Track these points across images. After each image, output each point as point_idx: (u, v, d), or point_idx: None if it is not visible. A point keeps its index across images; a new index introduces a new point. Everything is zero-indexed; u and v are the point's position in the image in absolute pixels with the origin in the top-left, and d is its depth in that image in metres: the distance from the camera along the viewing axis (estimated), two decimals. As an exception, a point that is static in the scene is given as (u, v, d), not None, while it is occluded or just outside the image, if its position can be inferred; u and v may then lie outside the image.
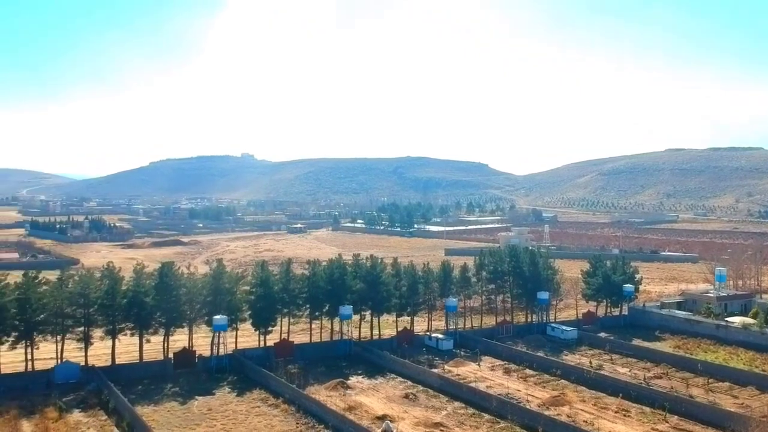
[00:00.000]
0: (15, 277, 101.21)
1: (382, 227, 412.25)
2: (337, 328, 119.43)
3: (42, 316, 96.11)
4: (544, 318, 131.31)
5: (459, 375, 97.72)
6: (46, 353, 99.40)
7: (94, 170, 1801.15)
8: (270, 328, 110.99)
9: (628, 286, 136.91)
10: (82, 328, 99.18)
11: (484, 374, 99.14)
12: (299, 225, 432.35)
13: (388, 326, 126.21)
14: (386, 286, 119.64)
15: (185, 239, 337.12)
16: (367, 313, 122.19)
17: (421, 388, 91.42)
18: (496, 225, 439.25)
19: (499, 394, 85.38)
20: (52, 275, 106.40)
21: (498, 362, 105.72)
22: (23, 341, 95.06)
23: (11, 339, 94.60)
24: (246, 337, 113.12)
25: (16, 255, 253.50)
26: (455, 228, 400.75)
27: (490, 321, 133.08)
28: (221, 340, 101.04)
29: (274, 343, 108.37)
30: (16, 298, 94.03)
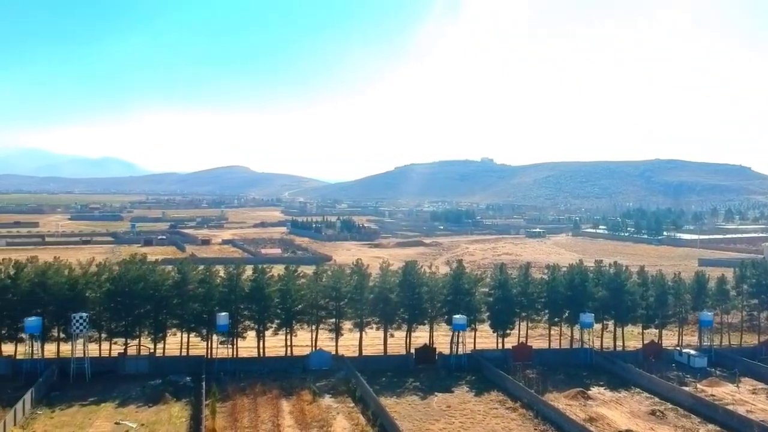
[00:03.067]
0: (278, 270, 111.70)
1: (626, 234, 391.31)
2: (576, 335, 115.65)
3: (300, 306, 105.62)
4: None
5: (714, 395, 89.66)
6: (302, 341, 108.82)
7: (346, 175, 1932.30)
8: (508, 331, 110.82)
9: None
10: (333, 320, 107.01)
11: (744, 397, 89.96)
12: (538, 229, 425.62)
13: (633, 338, 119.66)
14: (631, 296, 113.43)
15: (427, 240, 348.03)
16: (610, 323, 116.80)
17: (669, 405, 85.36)
18: (760, 234, 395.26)
19: (762, 421, 76.94)
20: (308, 270, 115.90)
21: (761, 385, 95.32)
22: (284, 328, 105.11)
23: (274, 326, 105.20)
24: (484, 338, 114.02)
25: (278, 251, 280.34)
26: (711, 237, 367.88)
27: (751, 339, 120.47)
28: (460, 340, 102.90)
29: (513, 347, 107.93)
30: (279, 289, 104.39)
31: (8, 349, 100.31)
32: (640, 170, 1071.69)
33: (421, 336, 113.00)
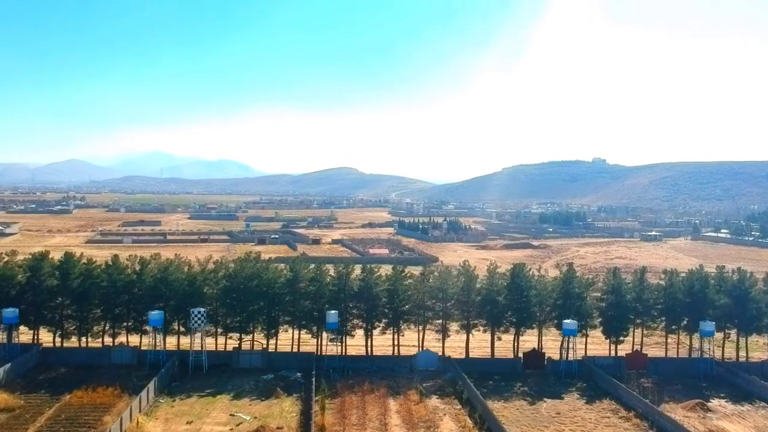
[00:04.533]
0: (385, 270, 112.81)
1: (751, 238, 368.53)
2: (696, 344, 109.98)
3: (407, 306, 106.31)
4: None
5: None
6: (409, 341, 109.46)
7: (452, 176, 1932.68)
8: (621, 338, 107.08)
9: None
10: (440, 321, 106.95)
11: None
12: (654, 233, 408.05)
13: (758, 348, 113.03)
14: (756, 304, 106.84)
15: (535, 243, 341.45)
16: (732, 332, 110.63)
17: (799, 422, 79.79)
18: None
19: None
20: (415, 270, 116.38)
21: None
22: (391, 328, 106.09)
23: (382, 325, 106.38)
24: (595, 345, 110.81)
25: (386, 251, 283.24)
26: None
27: None
28: (571, 345, 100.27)
29: (626, 354, 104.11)
30: (386, 288, 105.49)
31: (134, 340, 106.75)
32: (766, 171, 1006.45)
33: (529, 340, 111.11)
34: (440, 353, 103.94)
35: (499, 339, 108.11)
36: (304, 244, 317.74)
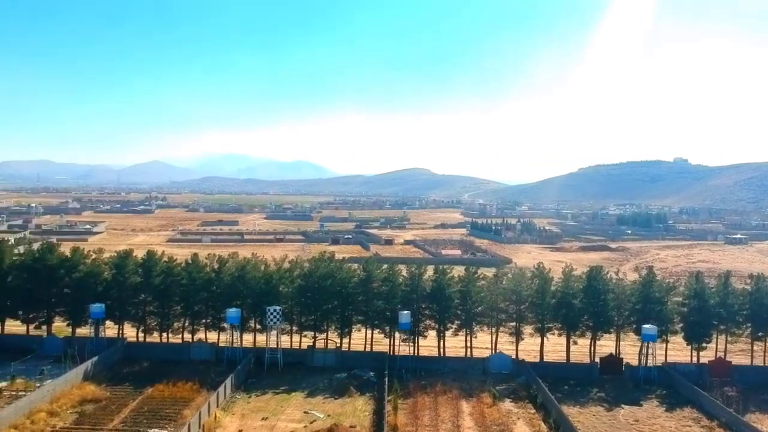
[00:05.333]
0: (458, 271, 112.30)
1: None
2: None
3: (480, 308, 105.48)
4: None
5: None
6: (481, 343, 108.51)
7: (526, 176, 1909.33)
8: (704, 344, 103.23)
9: None
10: (513, 323, 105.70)
11: None
12: (739, 235, 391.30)
13: None
14: None
15: (612, 245, 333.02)
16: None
17: None
18: None
19: None
20: (488, 272, 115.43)
21: None
22: (464, 329, 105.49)
23: (454, 326, 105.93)
24: (676, 351, 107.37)
25: (458, 252, 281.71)
26: None
27: None
28: (650, 351, 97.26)
29: (709, 361, 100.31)
30: (459, 290, 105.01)
31: (212, 336, 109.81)
32: None
33: (606, 345, 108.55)
34: (513, 356, 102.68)
35: (575, 343, 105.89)
36: (376, 244, 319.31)
